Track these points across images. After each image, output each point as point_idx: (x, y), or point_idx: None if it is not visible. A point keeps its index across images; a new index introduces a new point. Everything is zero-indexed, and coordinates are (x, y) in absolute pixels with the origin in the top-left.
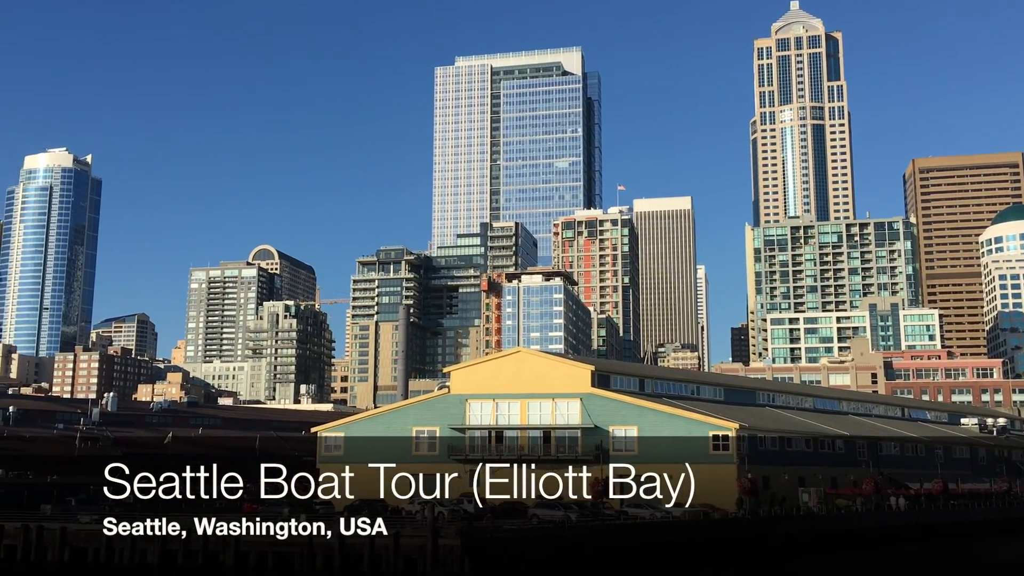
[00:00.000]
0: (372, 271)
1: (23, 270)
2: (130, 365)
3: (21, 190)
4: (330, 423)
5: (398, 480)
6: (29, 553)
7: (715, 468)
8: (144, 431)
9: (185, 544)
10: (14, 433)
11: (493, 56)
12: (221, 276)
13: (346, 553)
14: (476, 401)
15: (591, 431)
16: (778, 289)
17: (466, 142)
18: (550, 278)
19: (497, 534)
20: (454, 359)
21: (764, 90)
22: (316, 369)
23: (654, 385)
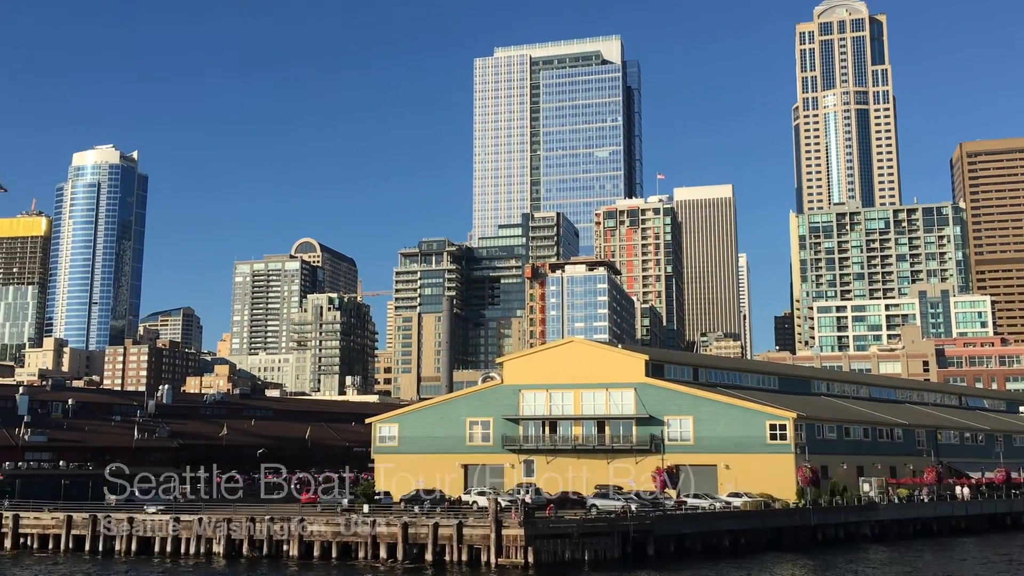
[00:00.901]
0: (414, 263)
1: (72, 265)
2: (178, 358)
3: (70, 187)
4: (384, 414)
5: (453, 470)
6: (97, 543)
7: (772, 458)
8: (198, 423)
9: (249, 534)
10: (73, 425)
11: (532, 46)
12: (265, 269)
13: (409, 543)
14: (529, 391)
15: (646, 421)
16: (824, 277)
17: (506, 133)
18: (594, 268)
19: (560, 524)
20: (496, 350)
21: (806, 75)
22: (359, 361)
23: (708, 374)
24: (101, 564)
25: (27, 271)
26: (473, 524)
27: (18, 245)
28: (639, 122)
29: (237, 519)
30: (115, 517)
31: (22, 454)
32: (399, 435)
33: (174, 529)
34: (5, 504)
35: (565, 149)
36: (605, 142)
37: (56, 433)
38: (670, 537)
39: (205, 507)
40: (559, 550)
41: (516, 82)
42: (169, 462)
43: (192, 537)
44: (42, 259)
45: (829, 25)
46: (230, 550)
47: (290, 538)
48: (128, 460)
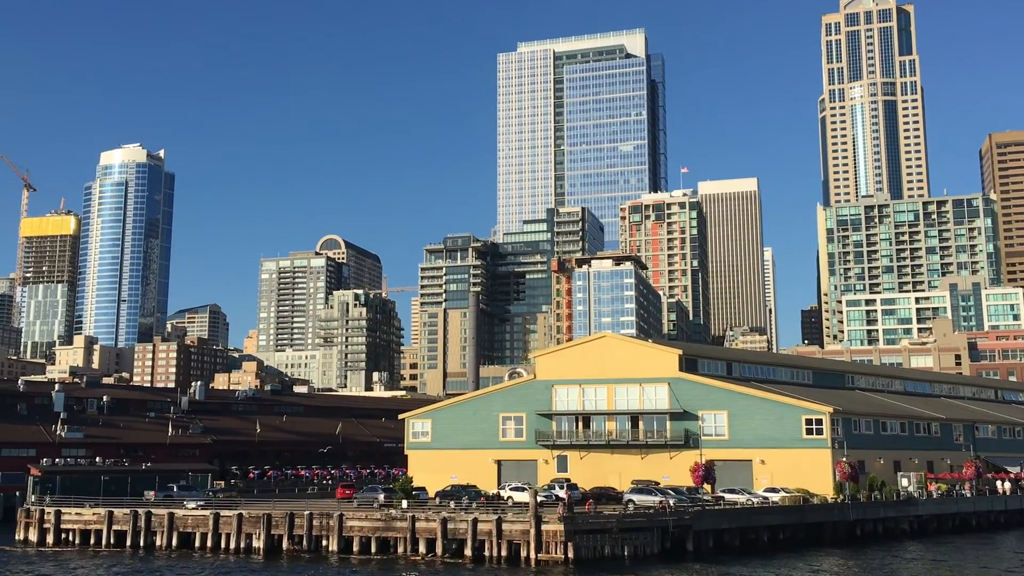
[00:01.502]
0: (439, 258)
1: (101, 263)
2: (206, 355)
3: (98, 185)
4: (416, 410)
5: (486, 466)
6: (138, 538)
7: (808, 453)
8: (231, 419)
9: (289, 529)
10: (109, 422)
11: (555, 41)
12: (291, 266)
13: (449, 538)
14: (562, 387)
15: (679, 416)
16: (852, 270)
17: (529, 128)
18: (620, 262)
19: (599, 520)
20: (522, 345)
21: (833, 67)
22: (385, 357)
23: (742, 369)
24: (143, 559)
25: (56, 269)
26: (512, 519)
27: (48, 244)
28: (663, 116)
29: (277, 514)
30: (156, 512)
31: (59, 451)
32: (432, 431)
33: (215, 524)
34: (47, 500)
35: (589, 144)
36: (629, 136)
37: (92, 430)
38: (708, 532)
39: (245, 502)
40: (599, 546)
41: (540, 77)
42: (203, 458)
43: (232, 532)
44: (71, 257)
45: (856, 16)
46: (270, 545)
47: (329, 533)
48: (162, 456)
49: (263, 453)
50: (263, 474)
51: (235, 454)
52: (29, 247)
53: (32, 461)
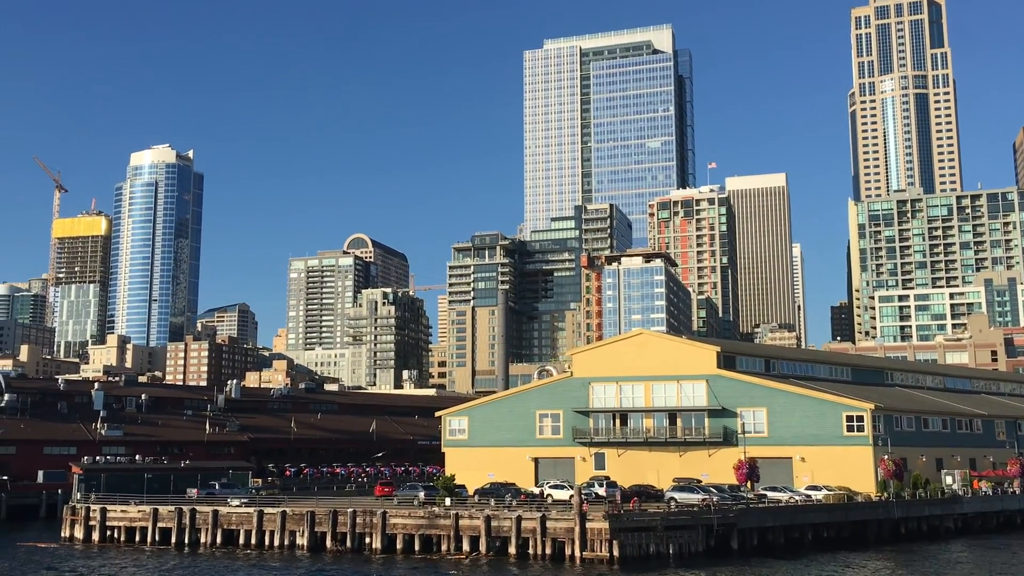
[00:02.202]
0: (467, 257)
1: (132, 263)
2: (237, 353)
3: (128, 186)
4: (453, 407)
5: (523, 463)
6: (183, 536)
7: (849, 450)
8: (266, 417)
9: (333, 526)
10: (147, 420)
11: (582, 37)
12: (319, 265)
13: (492, 536)
14: (599, 384)
15: (718, 413)
16: (884, 266)
17: (556, 125)
18: (650, 259)
19: (644, 518)
20: (550, 343)
21: (863, 60)
22: (414, 355)
23: (780, 366)
24: (188, 556)
25: (88, 270)
26: (557, 517)
27: (79, 244)
28: (691, 111)
29: (320, 512)
30: (200, 510)
31: (99, 448)
32: (469, 428)
33: (259, 522)
34: (92, 497)
35: (616, 140)
36: (657, 132)
37: (131, 428)
38: (753, 531)
39: (288, 500)
40: (644, 544)
41: (566, 74)
42: (239, 456)
43: (276, 530)
44: (103, 258)
45: (886, 8)
46: (313, 542)
47: (373, 530)
48: (200, 454)
49: (298, 451)
50: (299, 472)
51: (271, 452)
52: (61, 248)
53: (73, 459)
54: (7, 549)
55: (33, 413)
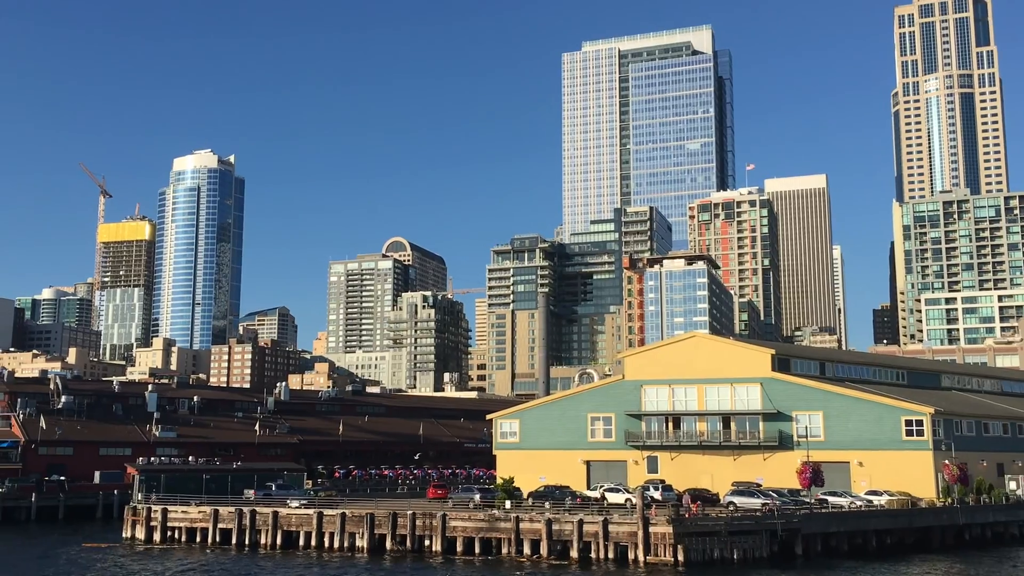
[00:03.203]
0: (506, 260)
1: (176, 268)
2: (279, 356)
3: (171, 191)
4: (505, 410)
5: (575, 466)
6: (243, 536)
7: (908, 455)
8: (315, 419)
9: (392, 528)
10: (199, 422)
11: (620, 39)
12: (359, 268)
13: (554, 539)
14: (651, 387)
15: (773, 416)
16: (930, 268)
17: (595, 127)
18: (692, 262)
19: (708, 522)
20: (589, 346)
21: (906, 60)
22: (454, 358)
23: (835, 368)
24: (248, 557)
25: (133, 274)
26: (619, 521)
27: (124, 249)
28: (731, 113)
29: (380, 514)
30: (260, 511)
31: (153, 449)
32: (520, 431)
33: (318, 523)
34: (152, 498)
35: (655, 142)
36: (696, 134)
37: (183, 429)
38: (816, 536)
39: (348, 501)
40: (708, 548)
41: (604, 76)
42: (290, 457)
43: (336, 531)
44: (147, 262)
45: (930, 7)
46: (373, 544)
47: (433, 533)
48: (251, 455)
49: (346, 453)
50: (347, 473)
51: (319, 453)
52: (107, 252)
53: (128, 460)
54: (72, 550)
55: (89, 415)
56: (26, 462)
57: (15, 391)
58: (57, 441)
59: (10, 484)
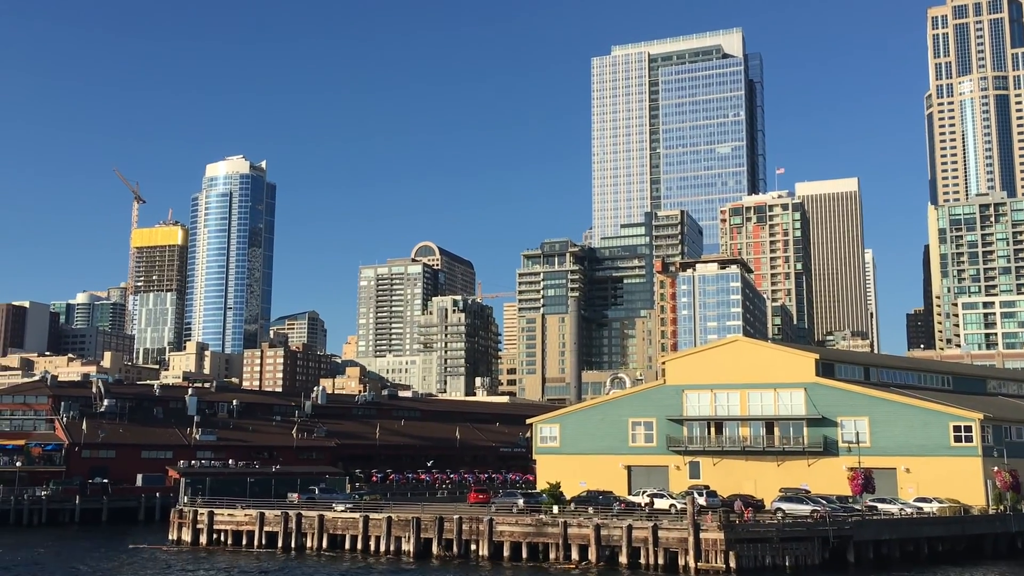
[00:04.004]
0: (536, 264)
1: (208, 272)
2: (311, 360)
3: (204, 197)
4: (544, 414)
5: (616, 471)
6: (289, 540)
7: (957, 461)
8: (352, 423)
9: (439, 532)
10: (239, 425)
11: (650, 43)
12: (388, 273)
13: (602, 544)
14: (693, 392)
15: (817, 422)
16: (966, 272)
17: (624, 131)
18: (726, 266)
19: (759, 528)
20: (620, 350)
21: (940, 61)
22: (484, 362)
23: (879, 374)
24: (295, 560)
25: (165, 279)
26: (669, 527)
27: (157, 254)
28: (762, 116)
29: (426, 518)
30: (306, 515)
31: (194, 453)
32: (560, 436)
33: (364, 527)
34: (198, 501)
35: (685, 146)
36: (727, 138)
37: (223, 432)
38: (868, 543)
39: (394, 504)
40: (760, 555)
41: (634, 80)
42: (327, 461)
43: (382, 535)
44: (179, 267)
45: (964, 8)
46: (419, 548)
47: (479, 537)
48: (289, 459)
49: (383, 457)
50: (385, 477)
51: (356, 457)
52: (140, 257)
53: (170, 463)
54: (120, 551)
55: (131, 418)
56: (69, 465)
57: (58, 394)
58: (100, 444)
59: (55, 487)
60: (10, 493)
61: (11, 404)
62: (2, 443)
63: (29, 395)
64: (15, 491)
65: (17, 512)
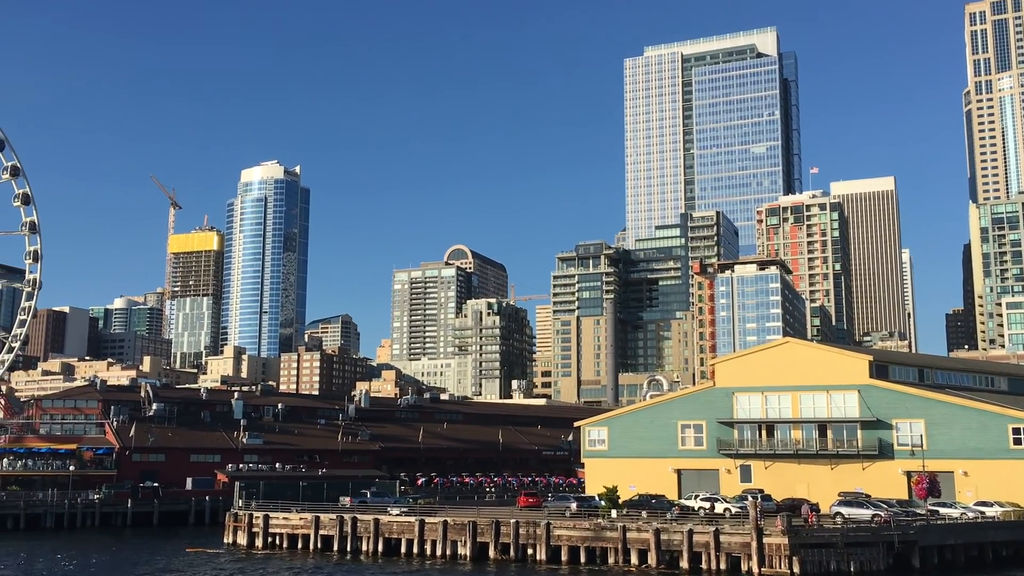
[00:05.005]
0: (571, 266)
1: (244, 277)
2: (347, 364)
3: (239, 202)
4: (592, 417)
5: (665, 474)
6: (345, 543)
7: (1018, 464)
8: (395, 426)
9: (495, 536)
10: (284, 428)
11: (683, 43)
12: (422, 276)
13: (662, 549)
14: (743, 394)
15: (872, 424)
16: (1009, 271)
17: (658, 132)
18: (765, 267)
19: (823, 533)
20: (656, 352)
21: (978, 58)
22: (519, 364)
23: (934, 375)
24: (350, 564)
25: (202, 283)
26: (731, 531)
27: (193, 259)
28: (797, 115)
29: (483, 522)
30: (361, 518)
31: (241, 456)
32: (608, 439)
33: (420, 531)
34: (252, 505)
35: (720, 147)
36: (761, 138)
37: (269, 436)
38: (933, 548)
39: (449, 508)
40: (824, 560)
41: (667, 80)
42: (371, 464)
43: (438, 539)
44: (215, 272)
45: (1002, 3)
46: (476, 552)
47: (537, 541)
48: (334, 462)
49: (426, 460)
50: (429, 481)
51: (399, 460)
52: (176, 263)
53: (218, 467)
54: (177, 555)
55: (179, 422)
56: (120, 469)
57: (108, 399)
58: (150, 448)
59: (107, 490)
60: (64, 497)
61: (63, 408)
62: (55, 447)
63: (80, 399)
64: (68, 495)
65: (71, 516)
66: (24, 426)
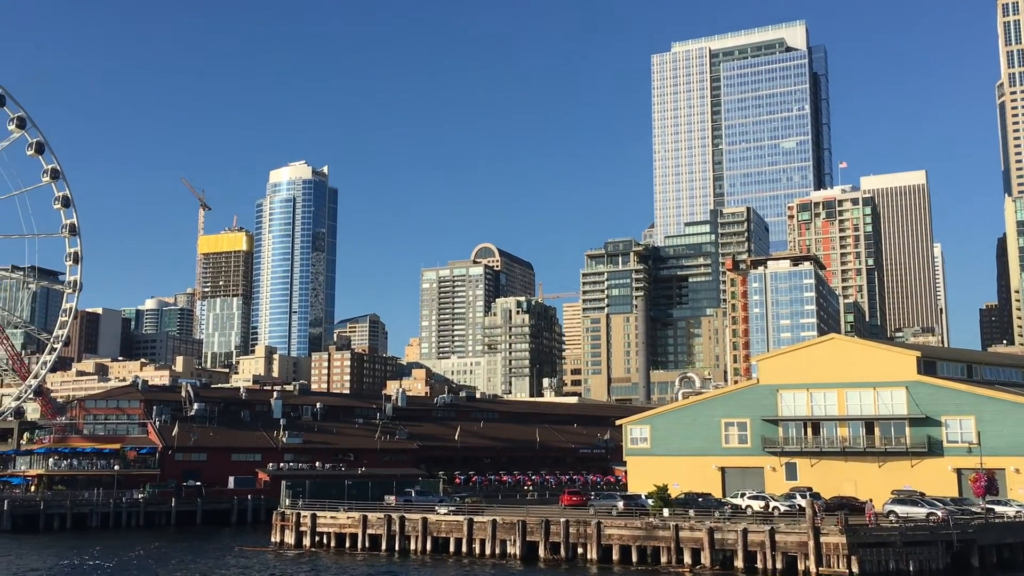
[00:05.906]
0: (600, 264)
1: (273, 277)
2: (377, 363)
3: (268, 203)
4: (634, 416)
5: (708, 472)
6: (393, 542)
7: None
8: (432, 425)
9: (545, 536)
10: (323, 428)
11: (711, 38)
12: (450, 275)
13: (716, 548)
14: (788, 391)
15: (920, 421)
16: None
17: (686, 128)
18: (798, 263)
19: (882, 532)
20: (686, 350)
21: (1011, 49)
22: (548, 362)
23: (983, 371)
24: (399, 563)
25: (232, 284)
26: (786, 530)
27: (223, 260)
28: (827, 109)
29: (532, 521)
30: (409, 517)
31: (281, 455)
32: (651, 437)
33: (468, 530)
34: (299, 504)
35: (749, 142)
36: (791, 132)
37: (308, 435)
38: (992, 547)
39: (498, 507)
40: (882, 560)
41: (695, 76)
42: (409, 463)
43: (487, 538)
44: (245, 272)
45: None
46: (525, 551)
47: (588, 541)
48: (372, 461)
49: (463, 458)
50: (468, 479)
51: (437, 459)
52: (206, 263)
53: (259, 465)
54: (227, 554)
55: (219, 421)
56: (163, 468)
57: (150, 399)
58: (192, 447)
59: (151, 490)
60: (109, 496)
61: (105, 408)
62: (99, 447)
63: (122, 400)
64: (113, 494)
65: (116, 515)
66: (67, 426)
